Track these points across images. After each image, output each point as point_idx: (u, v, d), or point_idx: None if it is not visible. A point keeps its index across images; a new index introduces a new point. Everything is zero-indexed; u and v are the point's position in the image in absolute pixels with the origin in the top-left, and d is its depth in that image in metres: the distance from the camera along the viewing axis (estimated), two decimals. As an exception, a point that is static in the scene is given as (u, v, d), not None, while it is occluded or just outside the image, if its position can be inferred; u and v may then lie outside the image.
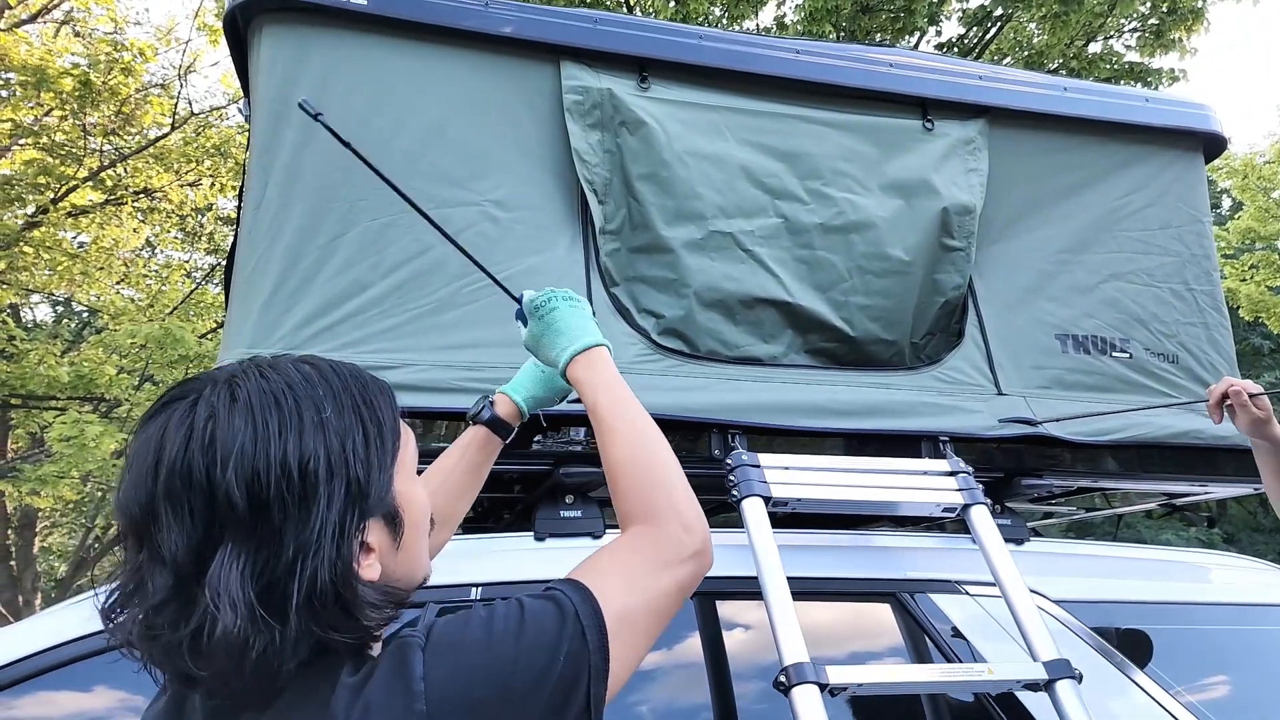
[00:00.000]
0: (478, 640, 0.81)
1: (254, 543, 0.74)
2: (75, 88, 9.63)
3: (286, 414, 0.79)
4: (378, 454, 0.84)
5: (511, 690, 0.79)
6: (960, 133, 2.39)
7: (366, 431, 0.84)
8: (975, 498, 1.85)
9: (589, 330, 1.29)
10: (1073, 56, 10.53)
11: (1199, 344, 2.41)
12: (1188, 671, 1.87)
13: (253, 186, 1.95)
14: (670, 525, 1.04)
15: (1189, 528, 10.94)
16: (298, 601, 0.74)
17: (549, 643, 0.83)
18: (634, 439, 1.13)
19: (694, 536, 1.04)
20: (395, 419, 0.90)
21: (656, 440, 1.14)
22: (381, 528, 0.84)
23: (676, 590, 1.00)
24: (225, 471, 0.74)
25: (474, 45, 2.09)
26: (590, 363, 1.25)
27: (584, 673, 0.83)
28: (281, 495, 0.75)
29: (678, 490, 1.09)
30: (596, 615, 0.87)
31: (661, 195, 2.13)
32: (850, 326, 2.24)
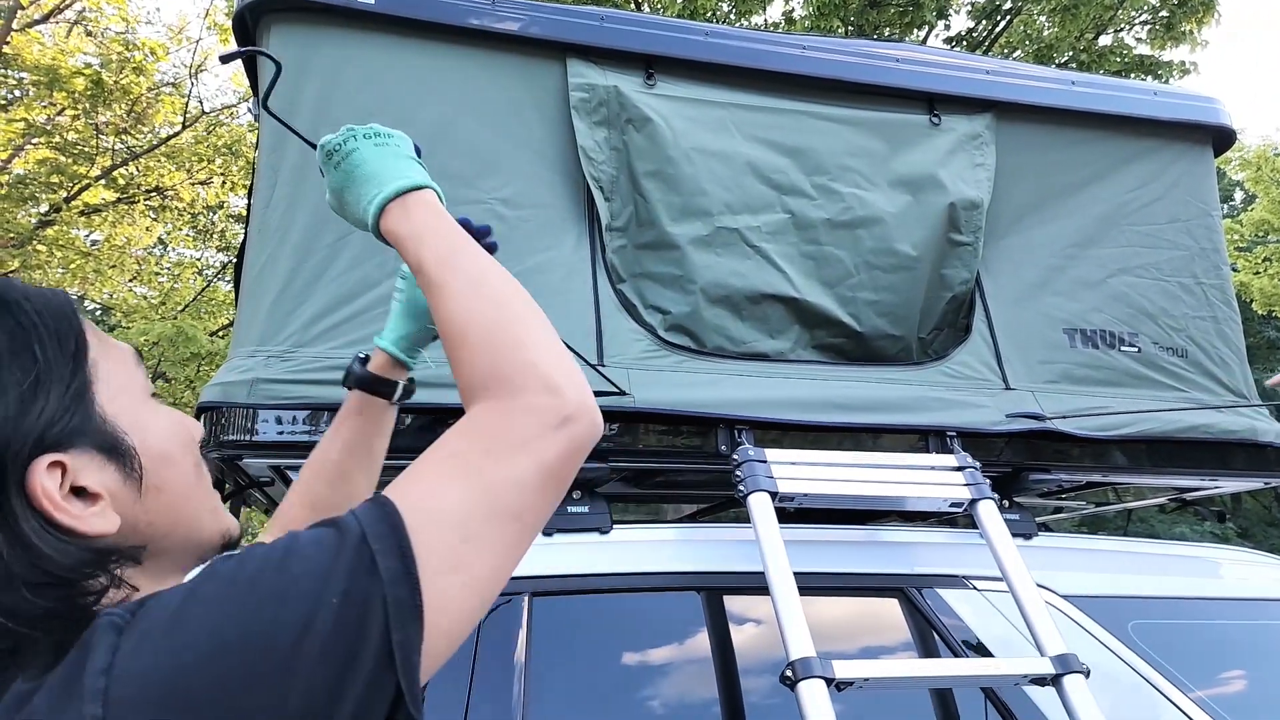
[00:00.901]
0: (206, 601, 0.58)
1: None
2: (87, 87, 9.69)
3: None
4: (24, 373, 0.63)
5: (238, 670, 0.54)
6: (967, 128, 2.39)
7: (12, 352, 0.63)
8: (982, 493, 1.85)
9: (404, 171, 0.99)
10: (1082, 50, 10.47)
11: (1208, 338, 2.40)
12: (1199, 667, 1.86)
13: (262, 185, 1.97)
14: (525, 392, 0.77)
15: (1203, 522, 10.90)
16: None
17: (308, 586, 0.59)
18: (471, 291, 0.86)
19: (561, 397, 0.77)
20: (74, 329, 0.69)
21: (504, 290, 0.87)
22: (99, 465, 0.65)
23: (542, 474, 0.74)
24: None
25: (480, 43, 2.10)
26: (407, 211, 0.95)
27: (374, 614, 0.59)
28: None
29: (536, 347, 0.81)
30: (395, 534, 0.64)
31: (668, 192, 2.13)
32: (857, 322, 2.24)
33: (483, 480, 0.71)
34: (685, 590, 1.81)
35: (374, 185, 0.98)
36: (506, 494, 0.72)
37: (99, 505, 0.64)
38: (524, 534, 0.74)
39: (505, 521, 0.71)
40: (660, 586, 1.80)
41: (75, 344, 0.68)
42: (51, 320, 0.67)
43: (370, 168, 1.00)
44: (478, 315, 0.84)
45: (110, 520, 0.64)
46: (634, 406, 1.87)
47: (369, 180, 0.99)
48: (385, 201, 0.96)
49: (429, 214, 0.95)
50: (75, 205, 10.54)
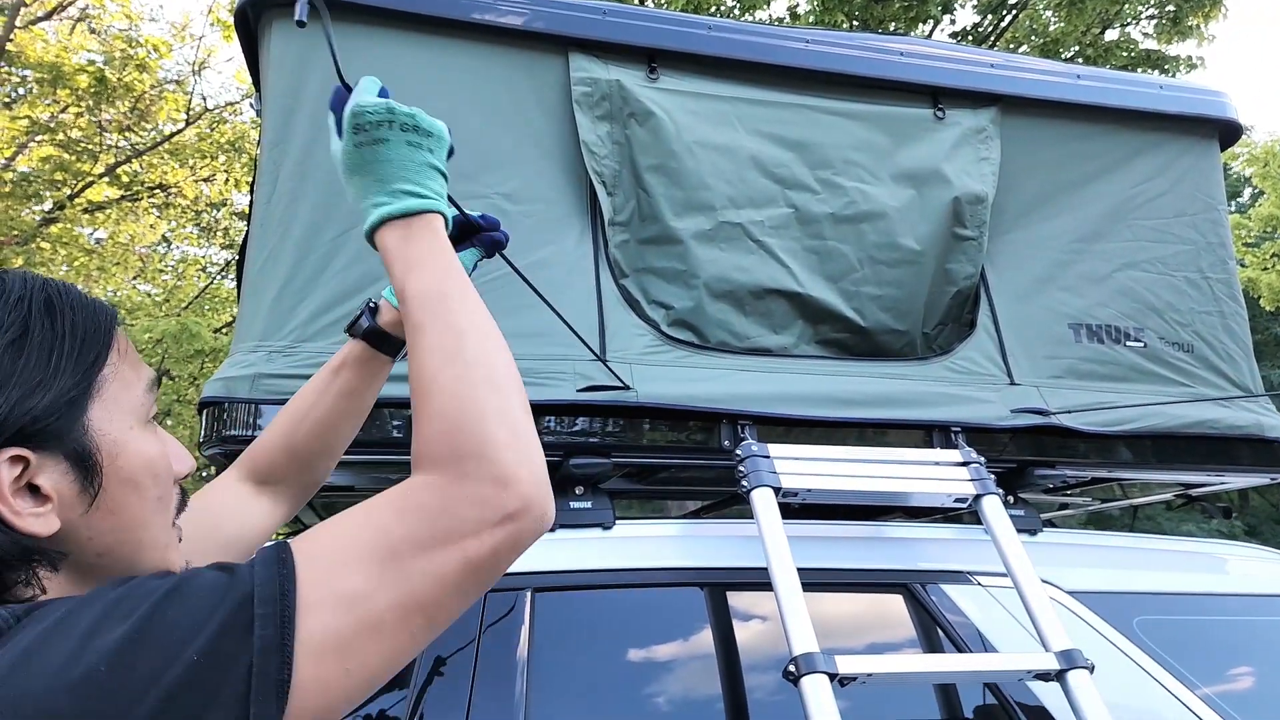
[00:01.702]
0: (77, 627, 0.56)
1: None
2: (91, 84, 9.71)
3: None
4: (38, 370, 0.66)
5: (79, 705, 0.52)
6: (972, 121, 2.38)
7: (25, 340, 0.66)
8: (987, 488, 1.84)
9: (423, 186, 0.93)
10: (1088, 44, 10.44)
11: (1214, 333, 2.39)
12: (1205, 663, 1.85)
13: (264, 181, 1.96)
14: (473, 478, 0.72)
15: (1209, 519, 10.88)
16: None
17: (175, 635, 0.56)
18: (448, 345, 0.80)
19: (510, 491, 0.72)
20: (101, 344, 0.71)
21: (484, 350, 0.82)
22: (62, 471, 0.66)
23: (465, 571, 0.69)
24: None
25: (482, 38, 2.09)
26: (409, 233, 0.90)
27: (233, 681, 0.56)
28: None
29: (500, 423, 0.75)
30: (282, 601, 0.60)
31: (671, 186, 2.12)
32: (861, 317, 2.23)
33: (401, 568, 0.66)
34: (688, 586, 1.80)
35: (386, 190, 0.92)
36: (422, 587, 0.67)
37: (45, 507, 0.65)
38: (428, 630, 0.69)
39: (411, 615, 0.66)
40: (663, 582, 1.80)
41: (94, 358, 0.70)
42: (83, 333, 0.70)
43: (392, 168, 0.93)
44: (449, 376, 0.78)
45: (49, 524, 0.64)
46: (637, 402, 1.86)
47: (384, 181, 0.92)
48: (393, 215, 0.91)
49: (431, 244, 0.90)
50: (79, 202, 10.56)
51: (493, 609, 1.64)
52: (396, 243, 0.90)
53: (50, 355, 0.67)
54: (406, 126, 0.95)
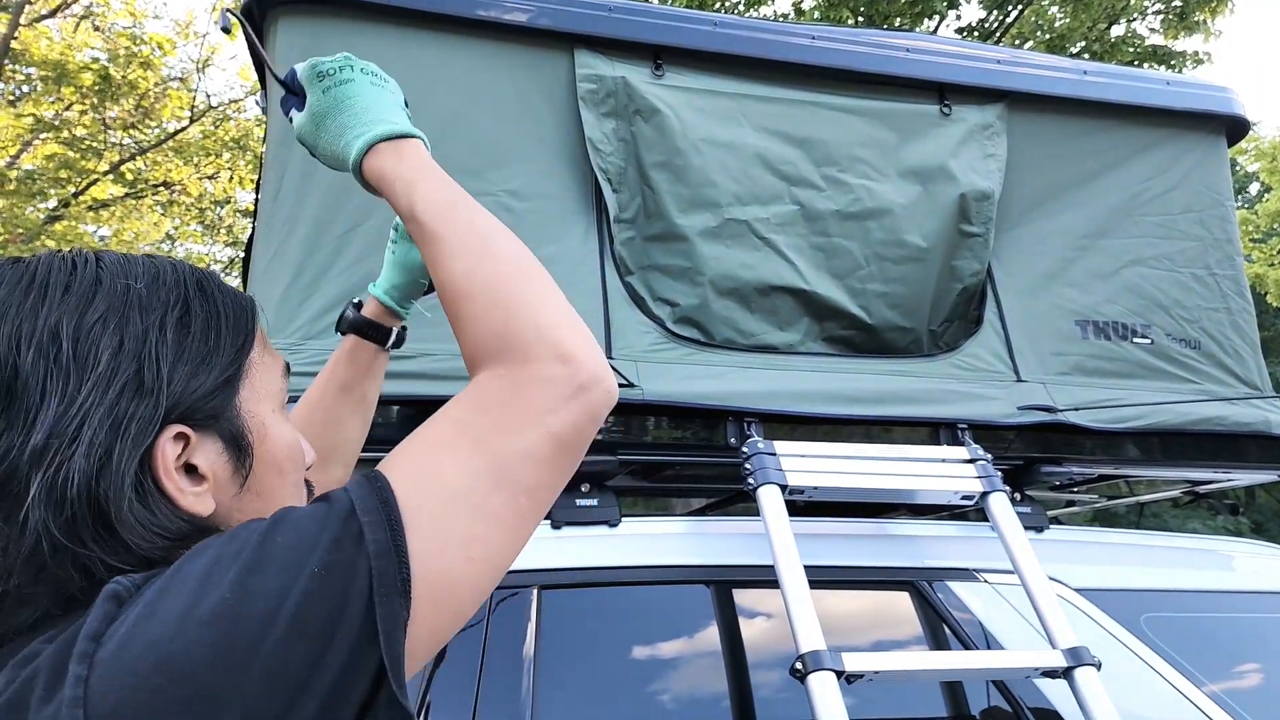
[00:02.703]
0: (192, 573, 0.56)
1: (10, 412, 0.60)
2: (95, 82, 9.73)
3: (79, 279, 0.64)
4: (203, 347, 0.67)
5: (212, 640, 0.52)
6: (978, 118, 2.37)
7: (189, 317, 0.67)
8: (994, 485, 1.84)
9: (398, 117, 0.93)
10: (1095, 40, 10.41)
11: (1221, 329, 2.38)
12: (1212, 661, 1.85)
13: (270, 179, 1.96)
14: (537, 360, 0.73)
15: (1216, 516, 10.86)
16: (35, 496, 0.58)
17: (291, 556, 0.57)
18: (476, 245, 0.80)
19: (575, 365, 0.74)
20: (248, 327, 0.73)
21: (511, 246, 0.81)
22: (217, 451, 0.67)
23: (554, 446, 0.71)
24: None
25: (487, 35, 2.09)
26: (400, 153, 0.88)
27: (357, 587, 0.57)
28: (45, 364, 0.60)
29: (548, 308, 0.77)
30: (385, 507, 0.61)
31: (676, 183, 2.12)
32: (867, 314, 2.23)
33: (490, 451, 0.68)
34: (694, 584, 1.81)
35: (364, 121, 0.90)
36: (517, 466, 0.68)
37: (202, 487, 0.65)
38: (535, 508, 0.71)
39: (515, 494, 0.68)
40: (669, 580, 1.80)
41: (244, 340, 0.72)
42: (234, 315, 0.72)
43: (363, 102, 0.92)
44: (484, 272, 0.78)
45: (206, 504, 0.65)
46: (643, 399, 1.86)
47: (359, 114, 0.91)
48: (376, 140, 0.88)
49: (425, 160, 0.89)
50: (84, 200, 10.59)
51: (499, 606, 1.64)
52: (392, 163, 0.88)
53: (210, 334, 0.68)
54: (366, 71, 0.96)
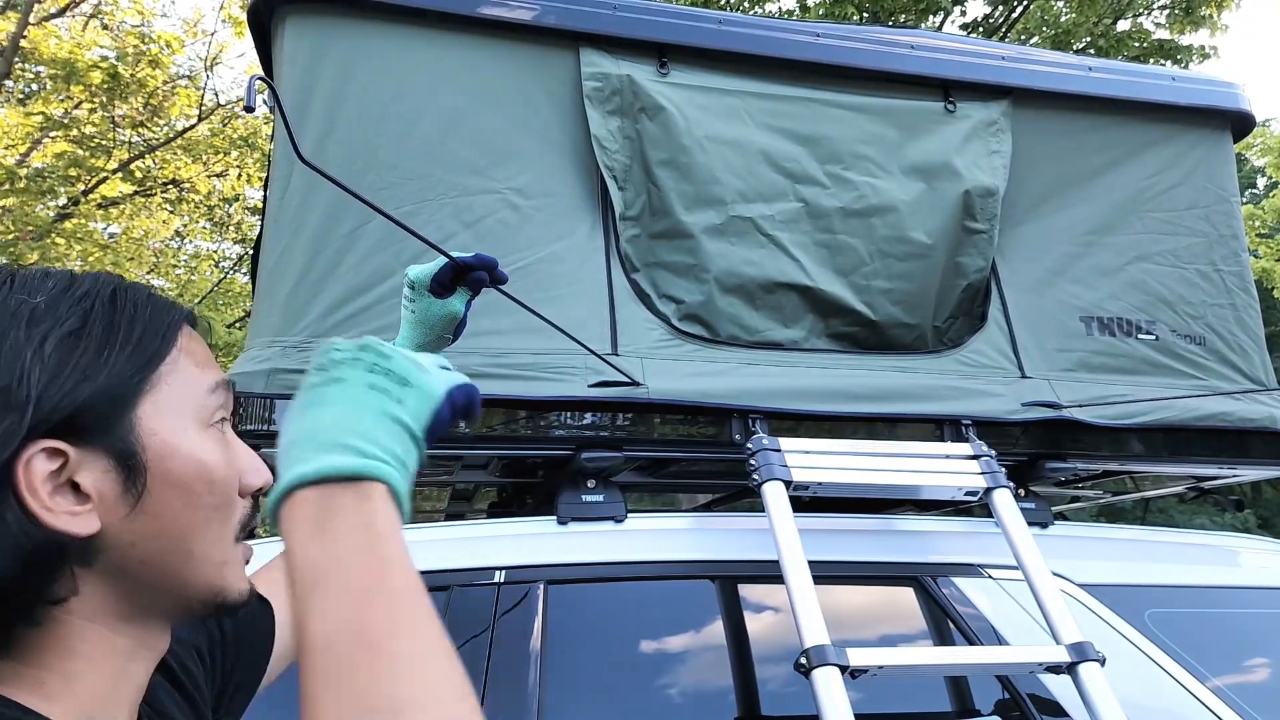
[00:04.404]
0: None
1: None
2: (104, 80, 9.75)
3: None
4: (92, 361, 0.62)
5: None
6: (983, 114, 2.37)
7: (84, 330, 0.63)
8: (998, 481, 1.85)
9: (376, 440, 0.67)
10: (1100, 35, 10.37)
11: (1226, 325, 2.38)
12: (1216, 656, 1.86)
13: (277, 176, 1.98)
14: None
15: (1222, 512, 10.83)
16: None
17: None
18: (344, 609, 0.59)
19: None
20: (161, 340, 0.66)
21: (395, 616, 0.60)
22: (103, 469, 0.61)
23: None
24: None
25: (494, 33, 2.10)
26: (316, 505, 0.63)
27: None
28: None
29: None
30: None
31: (681, 181, 2.13)
32: (872, 310, 2.23)
33: None
34: (700, 579, 1.82)
35: (314, 444, 0.66)
36: None
37: (85, 506, 0.60)
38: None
39: None
40: (675, 575, 1.81)
41: (151, 355, 0.66)
42: (142, 329, 0.66)
43: (331, 415, 0.68)
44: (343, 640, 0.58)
45: (88, 524, 0.60)
46: (648, 397, 1.87)
47: (315, 433, 0.67)
48: (302, 481, 0.64)
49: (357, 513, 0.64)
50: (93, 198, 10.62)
51: (506, 601, 1.66)
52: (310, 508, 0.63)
53: (104, 349, 0.63)
54: (376, 368, 0.73)
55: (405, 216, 1.94)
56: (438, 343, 1.15)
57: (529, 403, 1.87)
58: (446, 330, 1.15)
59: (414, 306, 1.14)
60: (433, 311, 1.13)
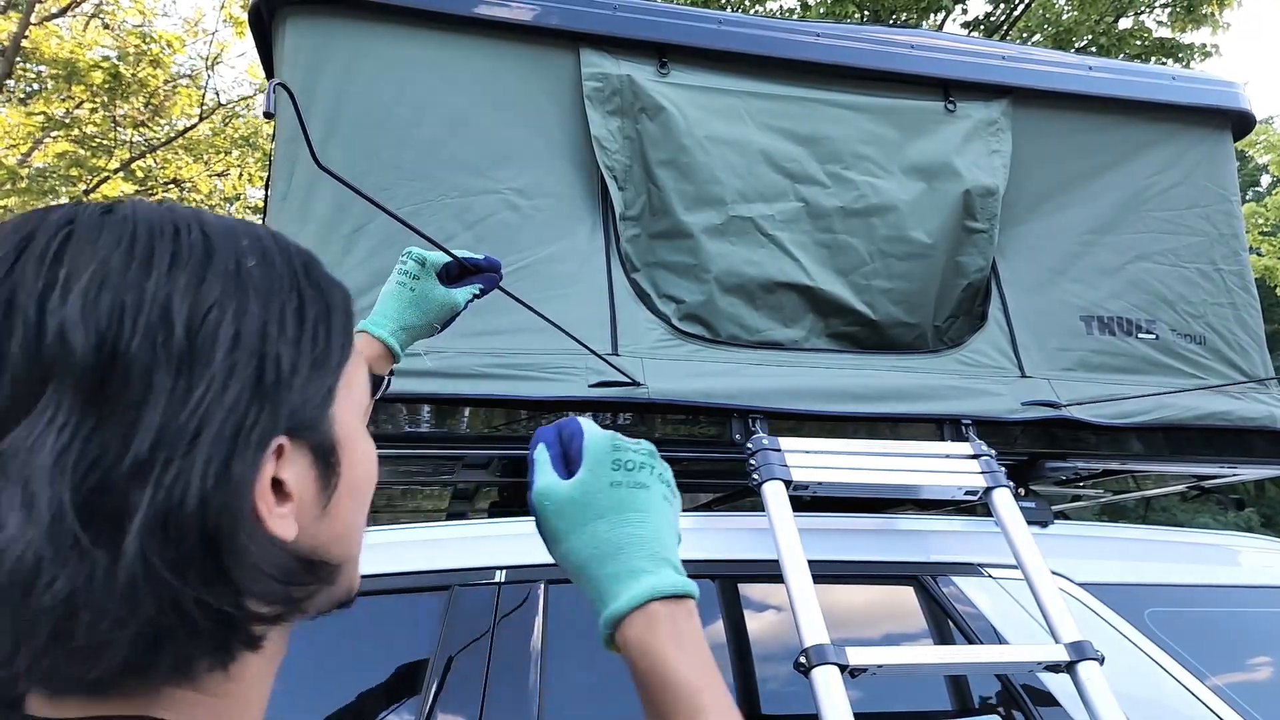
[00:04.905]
0: None
1: (91, 416, 0.44)
2: (105, 80, 9.77)
3: (185, 247, 0.50)
4: (314, 346, 0.55)
5: None
6: (983, 114, 2.37)
7: (304, 308, 0.55)
8: (998, 480, 1.85)
9: (676, 557, 0.73)
10: (1102, 33, 10.36)
11: (1227, 324, 2.39)
12: (1216, 655, 1.86)
13: (278, 177, 1.98)
14: None
15: (1225, 511, 10.82)
16: (143, 520, 0.44)
17: None
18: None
19: None
20: (349, 324, 0.61)
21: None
22: (307, 465, 0.54)
23: None
24: (66, 299, 0.45)
25: (495, 34, 2.11)
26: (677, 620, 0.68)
27: None
28: (152, 350, 0.46)
29: None
30: None
31: (681, 181, 2.13)
32: (872, 310, 2.24)
33: None
34: (700, 578, 1.82)
35: (649, 554, 0.70)
36: None
37: (286, 507, 0.52)
38: None
39: None
40: (675, 574, 1.81)
41: (347, 339, 0.60)
42: (340, 309, 0.60)
43: (653, 528, 0.71)
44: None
45: (289, 528, 0.52)
46: (648, 397, 1.87)
47: (645, 542, 0.70)
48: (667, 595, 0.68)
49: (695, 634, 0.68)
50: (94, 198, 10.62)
51: (507, 601, 1.66)
52: (671, 625, 0.67)
53: (319, 329, 0.56)
54: (665, 479, 0.77)
55: (407, 216, 1.94)
56: (427, 330, 1.14)
57: (529, 403, 1.87)
58: (440, 319, 1.14)
59: (415, 286, 1.12)
60: (433, 296, 1.12)
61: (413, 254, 1.15)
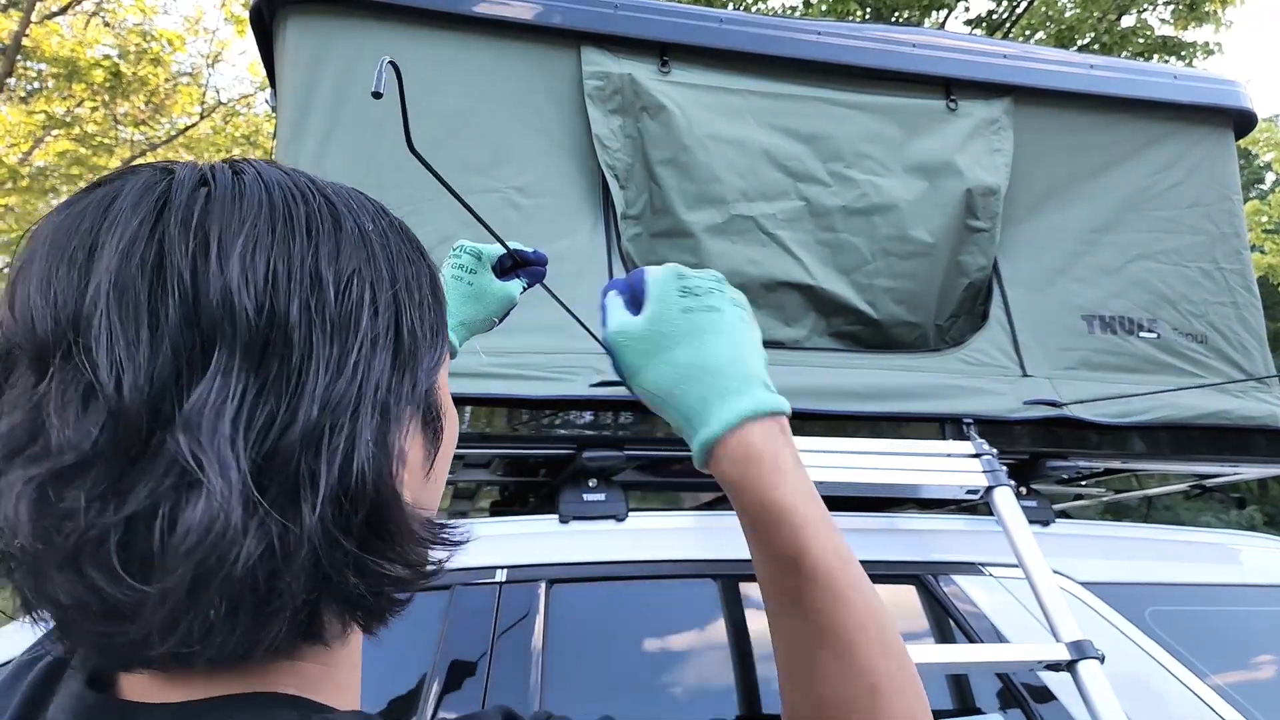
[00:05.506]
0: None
1: (258, 382, 0.43)
2: (106, 78, 9.77)
3: (315, 211, 0.49)
4: (432, 312, 0.54)
5: None
6: (984, 113, 2.37)
7: (420, 274, 0.54)
8: (999, 480, 1.85)
9: (766, 377, 0.71)
10: (1104, 31, 10.35)
11: (1228, 323, 2.38)
12: (1217, 654, 1.86)
13: (279, 176, 1.98)
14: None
15: (1228, 510, 10.81)
16: (325, 489, 0.43)
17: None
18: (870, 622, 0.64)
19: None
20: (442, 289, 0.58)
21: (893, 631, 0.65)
22: (418, 432, 0.53)
23: None
24: (226, 263, 0.43)
25: (495, 33, 2.11)
26: (783, 436, 0.67)
27: None
28: (308, 316, 0.45)
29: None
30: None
31: (683, 180, 2.13)
32: (874, 309, 2.24)
33: None
34: (701, 578, 1.82)
35: (734, 376, 0.68)
36: None
37: (402, 475, 0.50)
38: None
39: None
40: (676, 574, 1.81)
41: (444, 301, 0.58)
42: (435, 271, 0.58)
43: (739, 348, 0.70)
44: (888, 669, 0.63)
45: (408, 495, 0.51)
46: (650, 396, 1.87)
47: (729, 365, 0.69)
48: (765, 412, 0.66)
49: (798, 458, 0.67)
50: (96, 196, 10.63)
51: (507, 601, 1.66)
52: (767, 445, 0.65)
53: (436, 295, 0.56)
54: (738, 303, 0.75)
55: (407, 215, 1.94)
56: (485, 323, 1.13)
57: (531, 402, 1.87)
58: (499, 312, 1.13)
59: (473, 280, 1.11)
60: (491, 290, 1.11)
61: (466, 247, 1.12)
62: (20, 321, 0.42)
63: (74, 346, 0.41)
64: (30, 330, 0.42)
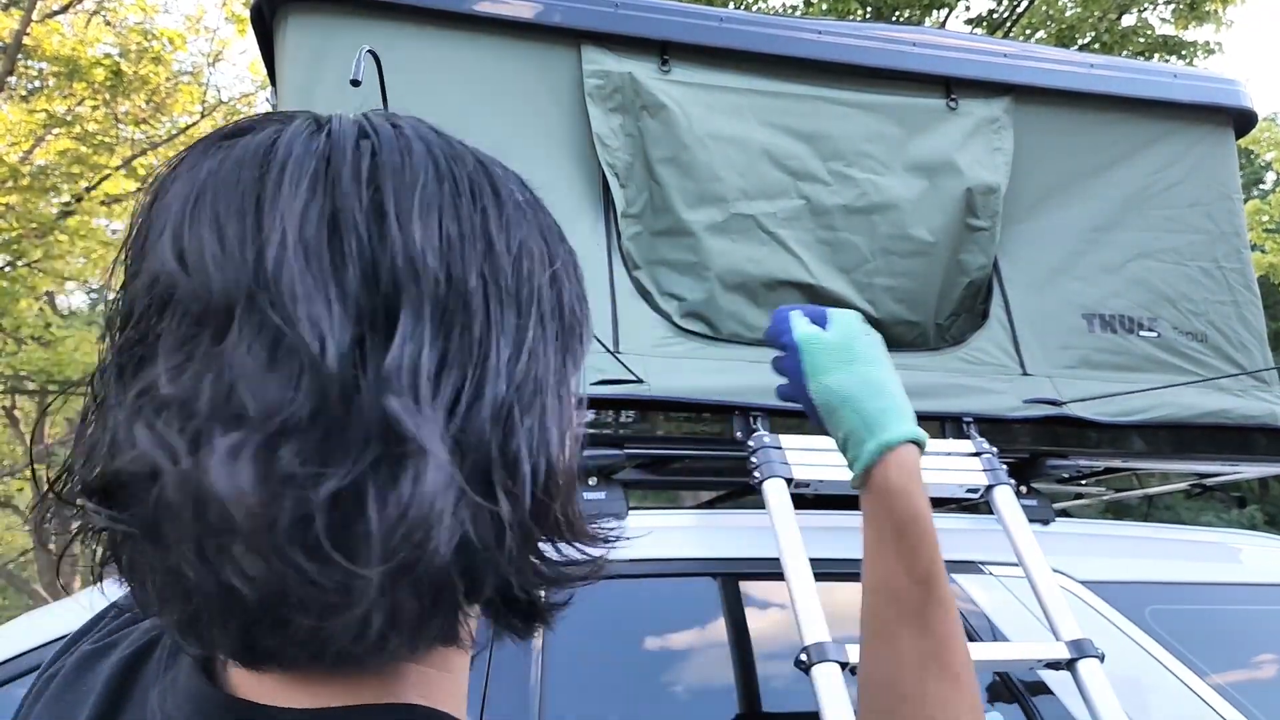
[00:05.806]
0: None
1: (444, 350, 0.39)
2: (107, 77, 9.77)
3: (478, 174, 0.47)
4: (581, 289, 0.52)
5: None
6: (985, 111, 2.37)
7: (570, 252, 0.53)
8: (999, 478, 1.84)
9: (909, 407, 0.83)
10: (1105, 30, 10.34)
11: (1229, 322, 2.38)
12: (1217, 653, 1.86)
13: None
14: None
15: (1229, 509, 10.81)
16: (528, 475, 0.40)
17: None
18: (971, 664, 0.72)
19: None
20: None
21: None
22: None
23: None
24: (407, 222, 0.40)
25: (496, 31, 2.11)
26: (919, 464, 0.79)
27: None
28: (484, 281, 0.41)
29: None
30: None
31: (683, 178, 2.13)
32: (874, 308, 2.23)
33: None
34: (701, 576, 1.82)
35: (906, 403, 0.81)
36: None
37: None
38: None
39: None
40: (676, 572, 1.81)
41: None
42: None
43: (898, 381, 0.83)
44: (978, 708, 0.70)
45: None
46: (650, 395, 1.87)
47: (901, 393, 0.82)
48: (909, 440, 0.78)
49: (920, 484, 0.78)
50: (96, 195, 10.63)
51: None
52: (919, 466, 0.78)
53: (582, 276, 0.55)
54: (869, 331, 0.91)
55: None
56: None
57: (531, 400, 1.87)
58: None
59: None
60: None
61: None
62: (195, 272, 0.38)
63: (262, 301, 0.37)
64: (206, 281, 0.37)
